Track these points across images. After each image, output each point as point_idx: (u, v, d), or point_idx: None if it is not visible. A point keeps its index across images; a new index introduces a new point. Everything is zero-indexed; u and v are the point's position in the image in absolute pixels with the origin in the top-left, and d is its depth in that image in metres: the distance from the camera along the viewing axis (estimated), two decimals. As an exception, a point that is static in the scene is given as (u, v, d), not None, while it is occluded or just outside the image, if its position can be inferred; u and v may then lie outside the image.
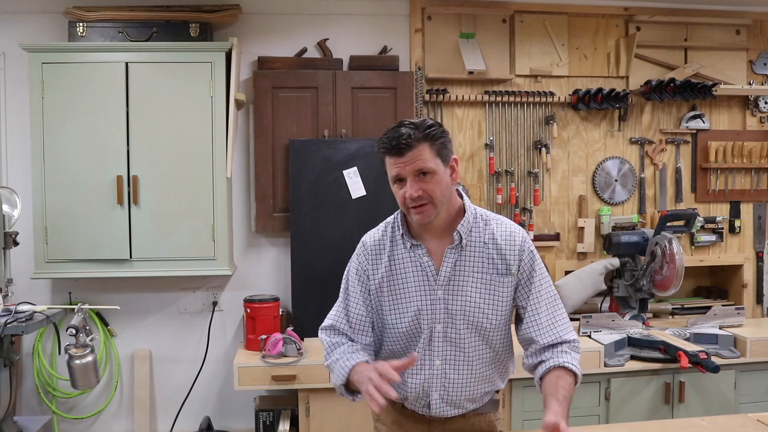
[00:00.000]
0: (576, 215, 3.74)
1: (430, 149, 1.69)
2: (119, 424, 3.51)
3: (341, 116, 3.41)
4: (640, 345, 3.23)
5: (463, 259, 1.77)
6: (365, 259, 1.87)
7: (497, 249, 1.77)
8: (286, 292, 3.45)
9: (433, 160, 1.69)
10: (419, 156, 1.68)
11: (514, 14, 3.63)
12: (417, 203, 1.71)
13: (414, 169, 1.68)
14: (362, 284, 1.86)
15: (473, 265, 1.77)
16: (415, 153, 1.68)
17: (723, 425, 2.02)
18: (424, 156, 1.68)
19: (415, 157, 1.68)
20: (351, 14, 3.57)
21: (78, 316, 2.61)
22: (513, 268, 1.76)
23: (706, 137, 3.84)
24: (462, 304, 1.76)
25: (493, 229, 1.79)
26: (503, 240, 1.77)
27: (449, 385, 1.81)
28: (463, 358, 1.79)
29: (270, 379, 2.97)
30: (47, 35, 3.37)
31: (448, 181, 1.73)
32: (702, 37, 3.80)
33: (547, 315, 1.78)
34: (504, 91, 3.62)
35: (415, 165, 1.68)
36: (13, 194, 3.04)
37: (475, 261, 1.77)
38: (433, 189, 1.70)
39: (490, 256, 1.77)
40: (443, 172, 1.71)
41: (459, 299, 1.76)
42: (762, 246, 3.90)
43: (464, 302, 1.76)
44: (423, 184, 1.69)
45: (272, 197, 3.41)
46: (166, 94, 3.16)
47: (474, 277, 1.76)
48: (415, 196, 1.69)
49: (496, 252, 1.77)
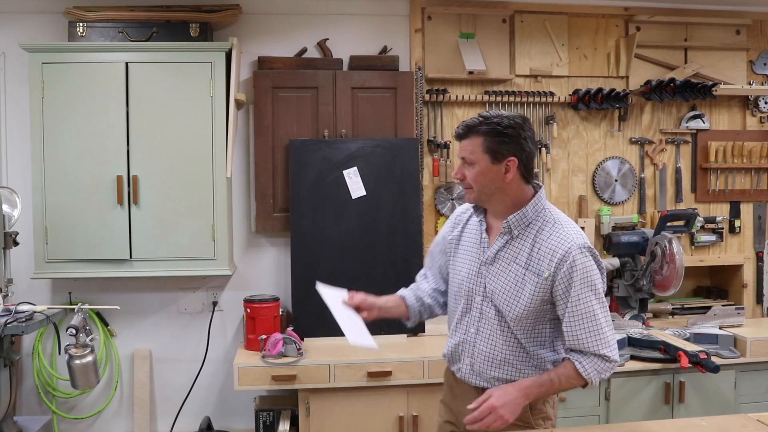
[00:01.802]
0: (576, 215, 3.74)
1: (482, 143, 1.88)
2: (119, 424, 3.52)
3: (341, 116, 3.41)
4: (640, 345, 3.22)
5: (509, 247, 1.93)
6: (450, 224, 2.17)
7: (539, 250, 1.89)
8: (286, 292, 3.45)
9: (479, 154, 1.89)
10: (468, 146, 1.91)
11: (514, 14, 3.63)
12: (463, 185, 1.98)
13: (461, 155, 1.93)
14: (441, 246, 2.17)
15: (516, 255, 1.92)
16: (466, 142, 1.91)
17: (723, 425, 2.02)
18: (472, 147, 1.90)
19: (465, 145, 1.92)
20: (351, 14, 3.57)
21: (78, 316, 2.61)
22: (545, 273, 1.86)
23: (706, 137, 3.84)
24: (494, 286, 1.94)
25: (547, 232, 1.90)
26: (548, 245, 1.88)
27: (477, 354, 1.99)
28: (491, 334, 1.96)
29: (270, 379, 2.97)
30: (47, 35, 3.37)
31: (494, 177, 1.89)
32: (702, 37, 3.80)
33: (582, 328, 1.86)
34: (504, 91, 3.62)
35: (462, 152, 1.93)
36: (13, 194, 3.04)
37: (518, 252, 1.92)
38: (472, 178, 1.91)
39: (531, 254, 1.89)
40: (488, 167, 1.89)
41: (494, 280, 1.95)
42: (762, 246, 3.90)
43: (496, 284, 1.94)
44: (465, 171, 1.93)
45: (272, 197, 3.41)
46: (166, 94, 3.16)
47: (512, 267, 1.92)
48: (455, 177, 1.99)
49: (537, 252, 1.89)
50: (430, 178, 3.58)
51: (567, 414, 3.07)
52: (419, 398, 3.02)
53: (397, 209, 3.35)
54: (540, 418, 2.00)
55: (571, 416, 3.08)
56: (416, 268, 2.81)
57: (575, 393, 3.08)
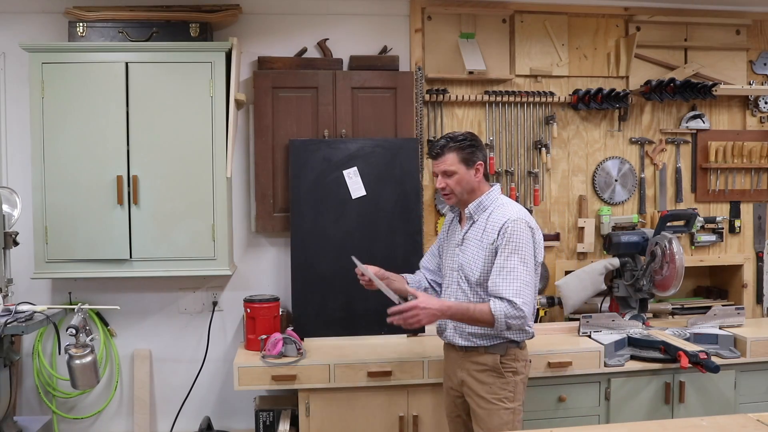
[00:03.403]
0: (576, 215, 3.74)
1: (457, 156, 2.45)
2: (119, 424, 3.52)
3: (341, 116, 3.41)
4: (640, 345, 3.22)
5: (472, 229, 2.50)
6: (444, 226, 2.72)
7: (489, 226, 2.43)
8: (286, 292, 3.45)
9: (456, 165, 2.45)
10: (446, 161, 2.46)
11: (514, 14, 3.63)
12: (443, 192, 2.51)
13: (441, 170, 2.48)
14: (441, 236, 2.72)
15: (476, 234, 2.48)
16: (444, 159, 2.46)
17: (723, 425, 2.02)
18: (449, 161, 2.45)
19: (442, 161, 2.47)
20: (351, 14, 3.57)
21: (78, 316, 2.60)
22: (491, 240, 2.41)
23: (706, 137, 3.84)
24: (463, 260, 2.50)
25: (495, 213, 2.45)
26: (494, 220, 2.43)
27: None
28: (465, 298, 2.48)
29: (270, 379, 2.97)
30: (47, 35, 3.37)
31: (469, 179, 2.47)
32: (702, 37, 3.80)
33: (501, 278, 2.35)
34: (504, 91, 3.62)
35: (441, 167, 2.47)
36: (13, 194, 3.04)
37: (477, 232, 2.47)
38: (454, 185, 2.47)
39: (485, 230, 2.44)
40: (465, 173, 2.46)
41: (463, 256, 2.50)
42: (762, 246, 3.90)
43: (464, 259, 2.50)
44: (447, 180, 2.47)
45: (272, 197, 3.41)
46: (166, 94, 3.16)
47: (473, 243, 2.48)
48: (439, 187, 2.51)
49: (488, 228, 2.44)
50: (430, 178, 3.58)
51: (567, 414, 3.08)
52: (419, 398, 3.02)
53: (397, 209, 3.35)
54: (510, 372, 2.45)
55: (571, 416, 3.08)
56: (416, 268, 2.82)
57: (575, 393, 3.09)
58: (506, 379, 2.45)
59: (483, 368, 2.46)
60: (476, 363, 2.47)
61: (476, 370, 2.47)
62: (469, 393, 2.50)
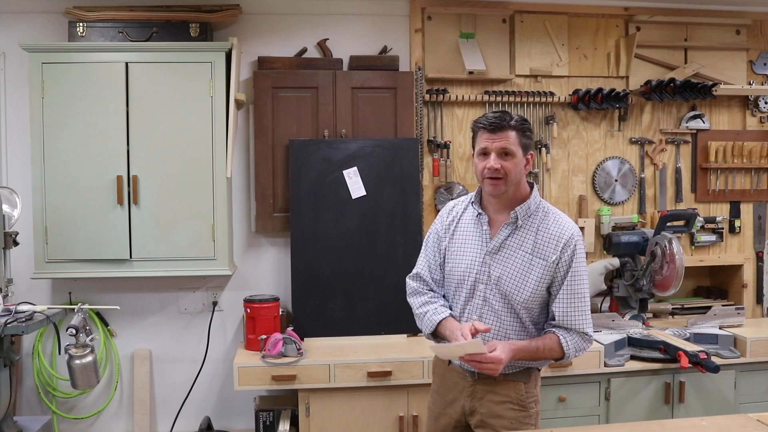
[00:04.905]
0: (576, 215, 3.74)
1: (517, 136, 2.04)
2: (119, 424, 3.52)
3: (341, 116, 3.41)
4: (640, 345, 3.23)
5: (514, 237, 2.09)
6: (440, 221, 2.27)
7: (543, 237, 2.06)
8: (286, 292, 3.45)
9: (516, 146, 2.04)
10: (507, 138, 2.03)
11: (514, 14, 3.63)
12: (493, 176, 2.04)
13: (500, 146, 2.03)
14: (437, 242, 2.24)
15: (521, 244, 2.08)
16: (505, 134, 2.03)
17: (723, 425, 2.02)
18: (511, 139, 2.03)
19: (504, 137, 2.03)
20: (351, 14, 3.57)
21: (78, 316, 2.60)
22: (552, 257, 2.05)
23: (706, 137, 3.84)
24: (500, 273, 2.08)
25: (549, 221, 2.09)
26: (552, 232, 2.07)
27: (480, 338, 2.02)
28: (494, 320, 2.09)
29: (270, 379, 2.97)
30: (47, 35, 3.37)
31: (521, 168, 2.07)
32: (702, 37, 3.80)
33: (574, 307, 2.05)
34: (504, 91, 3.62)
35: (501, 143, 2.03)
36: (13, 194, 3.04)
37: (523, 241, 2.08)
38: (510, 168, 2.03)
39: (536, 241, 2.06)
40: (520, 159, 2.06)
41: (500, 268, 2.08)
42: (762, 246, 3.90)
43: (503, 271, 2.08)
44: (503, 162, 2.03)
45: (272, 197, 3.41)
46: (166, 94, 3.16)
47: (517, 254, 2.07)
48: (494, 168, 2.03)
49: (542, 239, 2.06)
50: (430, 178, 3.58)
51: (567, 414, 3.08)
52: (419, 398, 3.02)
53: (397, 209, 3.35)
54: (532, 402, 2.13)
55: (571, 416, 3.08)
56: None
57: (575, 393, 3.09)
58: (529, 412, 2.10)
59: (503, 400, 2.10)
60: (495, 393, 2.10)
61: (494, 401, 2.10)
62: (482, 426, 2.12)
